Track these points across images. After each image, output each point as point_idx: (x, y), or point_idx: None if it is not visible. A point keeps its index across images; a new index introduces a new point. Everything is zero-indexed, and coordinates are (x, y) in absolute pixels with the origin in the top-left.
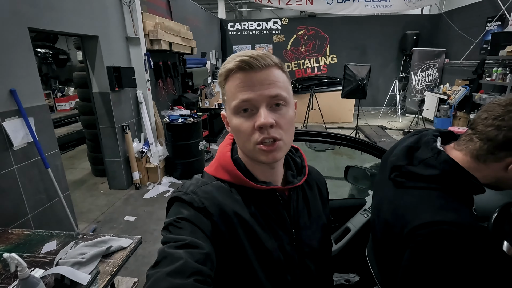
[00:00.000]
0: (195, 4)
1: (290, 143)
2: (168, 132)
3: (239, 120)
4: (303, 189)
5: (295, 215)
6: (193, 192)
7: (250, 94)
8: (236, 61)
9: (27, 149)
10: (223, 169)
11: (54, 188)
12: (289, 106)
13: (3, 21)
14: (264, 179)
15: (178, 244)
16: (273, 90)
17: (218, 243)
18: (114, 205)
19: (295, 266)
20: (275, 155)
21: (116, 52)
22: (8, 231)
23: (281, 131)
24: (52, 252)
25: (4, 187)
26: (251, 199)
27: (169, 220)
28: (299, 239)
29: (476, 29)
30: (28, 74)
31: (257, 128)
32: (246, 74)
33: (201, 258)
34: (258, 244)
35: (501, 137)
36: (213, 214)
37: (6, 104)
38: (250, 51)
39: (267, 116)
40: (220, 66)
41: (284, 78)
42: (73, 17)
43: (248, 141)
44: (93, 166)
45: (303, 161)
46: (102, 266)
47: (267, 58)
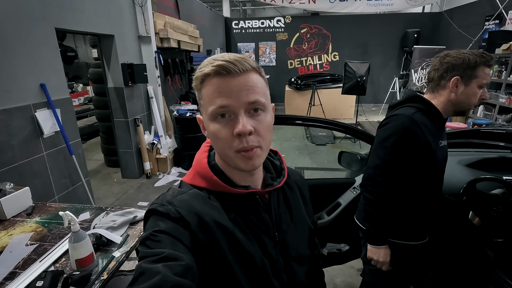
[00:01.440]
0: (201, 3)
1: (268, 148)
2: (177, 125)
3: (216, 126)
4: (284, 191)
5: (277, 218)
6: (168, 203)
7: (228, 100)
8: (213, 65)
9: (54, 137)
10: (200, 176)
11: (77, 173)
12: (267, 111)
13: (36, 22)
14: (242, 183)
15: (156, 258)
16: (252, 96)
17: (198, 253)
18: (128, 192)
19: (281, 271)
20: (254, 162)
21: (129, 50)
22: (46, 204)
23: (259, 138)
24: (87, 220)
25: (36, 170)
26: (230, 205)
27: (146, 234)
28: (283, 242)
29: (475, 28)
30: (55, 69)
31: (236, 135)
32: (223, 79)
33: (180, 271)
34: (239, 250)
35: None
36: (190, 223)
37: (37, 96)
38: (227, 54)
39: (245, 123)
40: None
41: (262, 83)
42: (92, 18)
43: (227, 148)
44: (106, 157)
45: (282, 164)
46: (131, 230)
47: (244, 62)
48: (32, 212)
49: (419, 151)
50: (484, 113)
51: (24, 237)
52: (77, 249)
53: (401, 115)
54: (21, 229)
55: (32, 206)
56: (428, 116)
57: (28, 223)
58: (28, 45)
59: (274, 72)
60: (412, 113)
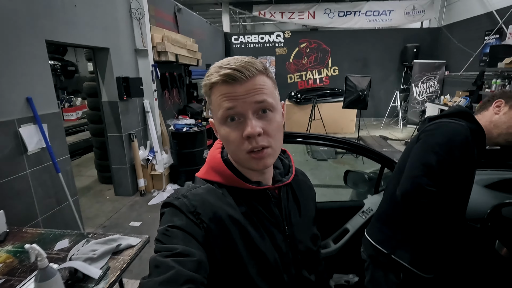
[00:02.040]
0: (201, 18)
1: (280, 148)
2: (173, 140)
3: (226, 129)
4: (292, 188)
5: (287, 212)
6: (183, 196)
7: (236, 103)
8: (220, 74)
9: (40, 154)
10: (213, 170)
11: (64, 192)
12: (276, 111)
13: (23, 33)
14: (255, 179)
15: (170, 253)
16: (259, 97)
17: (211, 248)
18: (120, 211)
19: (290, 264)
20: (265, 162)
21: (125, 63)
22: (22, 230)
23: (269, 138)
24: (65, 249)
25: (17, 190)
26: (242, 199)
27: (161, 229)
28: (292, 236)
29: (475, 42)
30: (43, 83)
31: (245, 138)
32: (230, 86)
33: (193, 266)
34: (251, 244)
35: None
36: (204, 216)
37: (22, 111)
38: (233, 60)
39: (254, 125)
40: None
41: (269, 84)
42: (87, 30)
43: (238, 150)
44: (100, 173)
45: (290, 162)
46: (112, 262)
47: (250, 67)
48: (5, 239)
49: (469, 165)
50: None
51: None
52: None
53: (453, 123)
54: None
55: (6, 232)
56: (474, 132)
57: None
58: (14, 57)
59: None
60: (468, 127)
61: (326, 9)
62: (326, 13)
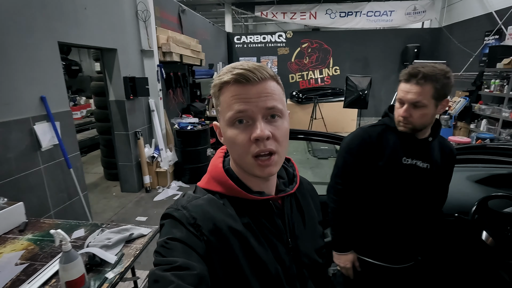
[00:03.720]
0: (204, 19)
1: (285, 155)
2: (178, 139)
3: (234, 131)
4: (297, 198)
5: (290, 224)
6: (183, 207)
7: (246, 106)
8: (233, 74)
9: (52, 150)
10: (215, 180)
11: (75, 187)
12: (284, 118)
13: (39, 35)
14: (257, 189)
15: (169, 267)
16: (270, 102)
17: (212, 261)
18: (126, 207)
19: (294, 278)
20: (271, 169)
21: (131, 63)
22: (40, 220)
23: (277, 144)
24: (81, 238)
25: (32, 184)
26: (244, 210)
27: (160, 241)
28: (296, 249)
29: (475, 43)
30: (56, 82)
31: (253, 141)
32: (243, 87)
33: (193, 280)
34: (253, 256)
35: None
36: (204, 228)
37: (37, 109)
38: (246, 63)
39: (263, 128)
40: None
41: (279, 90)
42: (96, 32)
43: (244, 153)
44: (106, 170)
45: (295, 171)
46: (126, 249)
47: (263, 70)
48: (25, 228)
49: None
50: (488, 127)
51: (15, 255)
52: (67, 271)
53: (359, 128)
54: (12, 247)
55: (25, 222)
56: (395, 132)
57: (20, 241)
58: (30, 58)
59: None
60: (369, 126)
61: (327, 10)
62: (327, 13)
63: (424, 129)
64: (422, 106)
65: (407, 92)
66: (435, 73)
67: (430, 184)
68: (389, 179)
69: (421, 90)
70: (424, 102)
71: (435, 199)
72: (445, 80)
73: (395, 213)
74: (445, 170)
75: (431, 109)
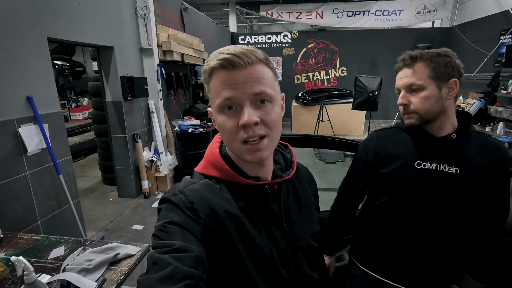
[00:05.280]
0: (207, 18)
1: (277, 140)
2: (178, 142)
3: (223, 118)
4: (293, 183)
5: (286, 208)
6: (180, 192)
7: (233, 92)
8: (218, 59)
9: (40, 155)
10: (211, 165)
11: (65, 194)
12: (275, 102)
13: (26, 30)
14: (253, 174)
15: (167, 250)
16: (257, 87)
17: (208, 243)
18: (123, 214)
19: (289, 261)
20: (261, 154)
21: (130, 62)
22: (17, 235)
23: (267, 128)
24: (60, 258)
25: (16, 192)
26: (240, 194)
27: (158, 225)
28: (291, 233)
29: (490, 42)
30: (44, 82)
31: (241, 127)
32: (229, 72)
33: (191, 262)
34: (248, 240)
35: None
36: (201, 212)
37: (22, 110)
38: (234, 47)
39: (251, 114)
40: None
41: (269, 74)
42: (90, 28)
43: (234, 139)
44: (104, 175)
45: (292, 157)
46: (109, 273)
47: (250, 54)
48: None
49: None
50: (505, 131)
51: None
52: None
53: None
54: None
55: (0, 237)
56: (408, 133)
57: None
58: (15, 55)
59: (280, 87)
60: (379, 129)
61: (334, 9)
62: (334, 13)
63: (438, 122)
64: (419, 89)
65: (400, 78)
66: (426, 52)
67: (462, 193)
68: (403, 187)
69: (412, 71)
70: (419, 83)
71: (477, 213)
72: (441, 59)
73: (418, 226)
74: (490, 177)
75: (433, 91)
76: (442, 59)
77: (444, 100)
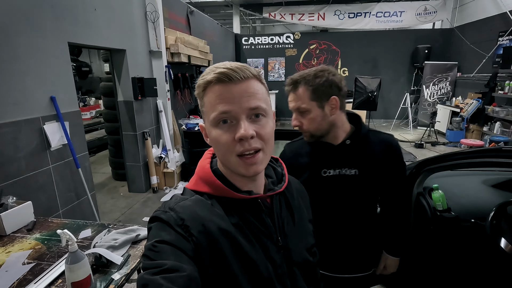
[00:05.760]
0: (212, 20)
1: (271, 153)
2: (185, 139)
3: (218, 132)
4: (285, 197)
5: (280, 222)
6: (171, 209)
7: (229, 106)
8: (215, 73)
9: (61, 150)
10: (202, 181)
11: (83, 187)
12: (269, 117)
13: (49, 36)
14: (245, 188)
15: (157, 270)
16: (253, 102)
17: (201, 261)
18: (133, 207)
19: (285, 276)
20: (256, 168)
21: (140, 64)
22: (48, 220)
23: (262, 142)
24: (88, 238)
25: (41, 183)
26: (232, 209)
27: (148, 245)
28: (286, 247)
29: (488, 43)
30: (65, 83)
31: (238, 140)
32: (225, 86)
33: (183, 282)
34: (242, 255)
35: None
36: (193, 229)
37: (46, 109)
38: (229, 62)
39: (247, 128)
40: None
41: (263, 89)
42: (106, 33)
43: (229, 153)
44: (114, 171)
45: (283, 170)
46: (132, 250)
47: (246, 70)
48: (33, 227)
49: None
50: (502, 130)
51: (22, 255)
52: (73, 271)
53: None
54: (19, 246)
55: (34, 221)
56: (309, 144)
57: (28, 240)
58: (40, 59)
59: (283, 87)
60: (289, 142)
61: (336, 11)
62: (336, 14)
63: (332, 133)
64: (305, 111)
65: (290, 101)
66: (303, 76)
67: (361, 189)
68: (315, 193)
69: (296, 96)
70: (304, 106)
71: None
72: (318, 79)
73: (332, 224)
74: (389, 167)
75: (317, 111)
76: (319, 79)
77: (329, 116)
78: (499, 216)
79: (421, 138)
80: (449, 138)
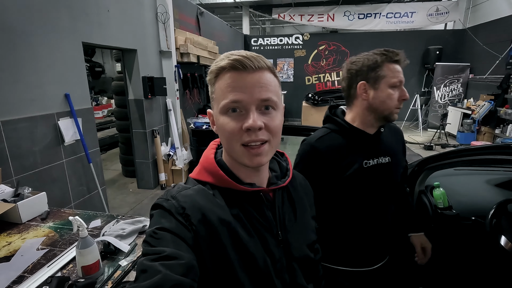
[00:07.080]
0: (222, 21)
1: (277, 147)
2: (193, 138)
3: (226, 119)
4: (288, 191)
5: (281, 216)
6: (172, 197)
7: (241, 95)
8: (230, 59)
9: (74, 145)
10: (206, 171)
11: (94, 181)
12: (278, 110)
13: (64, 36)
14: (248, 180)
15: (157, 257)
16: (265, 94)
17: (200, 250)
18: (142, 203)
19: (283, 271)
20: (260, 159)
21: (150, 63)
22: (61, 210)
23: (269, 134)
24: (98, 227)
25: (55, 176)
26: (234, 201)
27: (149, 231)
28: (286, 242)
29: (502, 44)
30: (79, 81)
31: (245, 130)
32: (239, 74)
33: (181, 270)
34: (241, 248)
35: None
36: (193, 218)
37: (61, 105)
38: (243, 51)
39: (256, 118)
40: None
41: (275, 82)
42: (118, 33)
43: (234, 141)
44: (124, 167)
45: (288, 165)
46: (139, 240)
47: (260, 60)
48: (47, 217)
49: (325, 177)
50: None
51: (36, 241)
52: (83, 256)
53: (306, 143)
54: (34, 233)
55: (47, 211)
56: (343, 136)
57: (42, 228)
58: (55, 57)
59: (291, 88)
60: (316, 139)
61: (345, 12)
62: (345, 15)
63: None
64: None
65: (399, 73)
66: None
67: (394, 176)
68: (355, 186)
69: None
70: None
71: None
72: None
73: (366, 216)
74: (403, 152)
75: None
76: None
77: None
78: (499, 214)
79: (430, 140)
80: (460, 140)
